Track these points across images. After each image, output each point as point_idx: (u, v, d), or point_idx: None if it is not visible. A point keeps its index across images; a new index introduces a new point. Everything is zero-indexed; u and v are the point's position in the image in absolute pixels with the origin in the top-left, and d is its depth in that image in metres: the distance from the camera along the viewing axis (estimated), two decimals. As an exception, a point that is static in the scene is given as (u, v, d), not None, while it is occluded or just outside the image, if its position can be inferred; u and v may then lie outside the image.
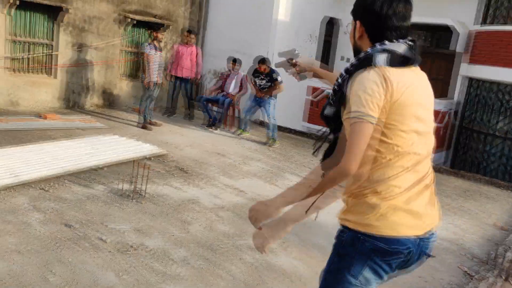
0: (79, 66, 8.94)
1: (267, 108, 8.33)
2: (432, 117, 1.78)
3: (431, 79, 1.87)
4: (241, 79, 9.18)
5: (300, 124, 10.24)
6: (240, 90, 9.18)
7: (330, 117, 1.78)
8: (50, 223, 3.96)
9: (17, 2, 7.68)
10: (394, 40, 1.71)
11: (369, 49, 1.72)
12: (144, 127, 8.09)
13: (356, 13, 1.80)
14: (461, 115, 9.71)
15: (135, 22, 9.38)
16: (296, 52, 2.24)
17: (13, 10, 7.82)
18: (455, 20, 9.33)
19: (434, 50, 10.21)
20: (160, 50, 8.22)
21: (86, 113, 8.81)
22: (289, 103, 10.05)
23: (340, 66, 11.65)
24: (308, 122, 10.27)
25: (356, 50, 1.79)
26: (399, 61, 1.67)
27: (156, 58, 8.05)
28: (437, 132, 8.68)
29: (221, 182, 5.73)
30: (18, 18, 8.12)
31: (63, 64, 8.69)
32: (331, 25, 11.54)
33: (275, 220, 1.98)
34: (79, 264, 3.37)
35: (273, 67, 8.69)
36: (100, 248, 3.65)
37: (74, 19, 8.67)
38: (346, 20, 11.56)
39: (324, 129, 1.87)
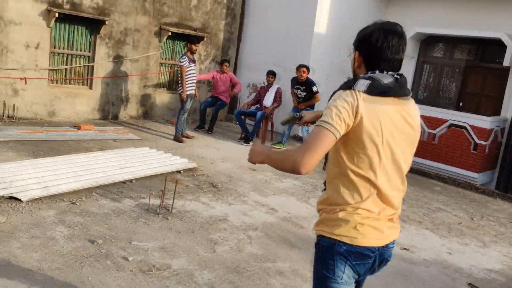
0: (116, 77, 9.03)
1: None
2: (409, 149, 1.93)
3: (482, 95, 1.64)
4: (276, 92, 9.01)
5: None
6: (275, 103, 9.02)
7: None
8: (75, 239, 3.86)
9: (57, 15, 7.83)
10: (385, 72, 1.85)
11: (359, 75, 1.89)
12: (177, 139, 8.03)
13: (356, 43, 1.95)
14: (508, 132, 9.12)
15: (172, 34, 9.41)
16: (298, 114, 2.55)
17: (53, 23, 7.98)
18: (508, 34, 8.81)
19: (480, 65, 9.70)
20: (195, 62, 8.18)
21: (121, 124, 8.86)
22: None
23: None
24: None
25: (355, 76, 1.95)
26: (379, 90, 1.81)
27: (190, 70, 8.01)
28: (481, 150, 8.31)
29: (252, 199, 5.52)
30: (59, 30, 8.29)
31: (100, 75, 8.80)
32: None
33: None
34: (99, 284, 3.24)
35: (311, 78, 8.56)
36: (122, 267, 3.51)
37: (112, 31, 8.77)
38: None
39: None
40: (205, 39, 10.10)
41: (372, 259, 1.90)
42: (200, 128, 9.26)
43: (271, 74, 9.06)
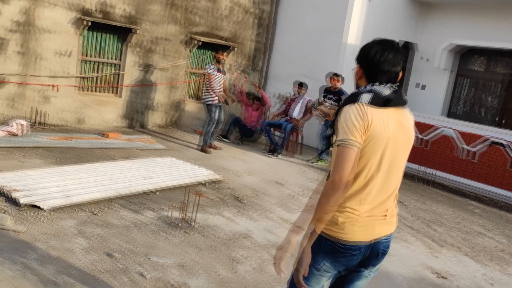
0: (144, 86, 9.02)
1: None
2: (407, 151, 2.11)
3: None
4: (306, 104, 8.79)
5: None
6: (304, 115, 8.79)
7: (330, 136, 2.36)
8: (93, 252, 3.74)
9: (88, 23, 7.88)
10: (384, 83, 2.05)
11: (361, 88, 2.08)
12: (203, 150, 7.90)
13: (357, 58, 2.17)
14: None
15: (201, 43, 9.35)
16: (315, 105, 3.15)
17: (85, 31, 8.04)
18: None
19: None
20: (222, 71, 8.04)
21: (147, 133, 8.82)
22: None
23: (415, 92, 10.91)
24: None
25: (357, 87, 2.14)
26: (381, 101, 2.00)
27: (217, 79, 7.90)
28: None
29: (277, 215, 5.30)
30: (90, 38, 8.35)
31: (129, 83, 8.80)
32: (406, 50, 10.88)
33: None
34: (113, 303, 3.08)
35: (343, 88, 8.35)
36: (139, 284, 3.35)
37: (142, 40, 8.78)
38: (423, 45, 10.86)
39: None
40: (234, 49, 10.00)
41: (357, 253, 2.07)
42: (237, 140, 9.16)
43: (301, 85, 8.86)
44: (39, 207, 4.37)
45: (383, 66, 2.05)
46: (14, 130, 6.81)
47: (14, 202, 4.42)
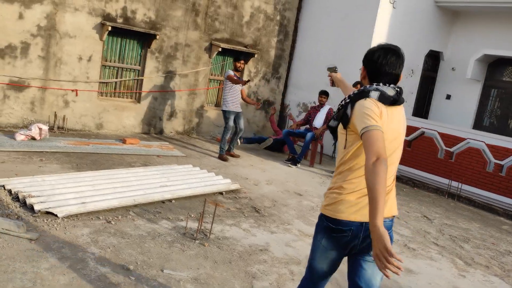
0: (164, 92, 8.96)
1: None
2: (401, 147, 2.35)
3: None
4: (327, 113, 8.60)
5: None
6: (325, 124, 8.60)
7: (333, 128, 2.40)
8: (106, 263, 3.62)
9: (110, 28, 7.87)
10: (387, 84, 2.29)
11: (366, 86, 2.32)
12: (222, 158, 7.77)
13: (363, 60, 2.38)
14: None
15: (221, 50, 9.26)
16: (336, 68, 3.39)
17: (105, 36, 8.03)
18: None
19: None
20: (239, 79, 7.90)
21: (167, 139, 8.74)
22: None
23: (443, 104, 10.61)
24: (401, 164, 9.28)
25: (363, 87, 2.36)
26: (388, 101, 2.24)
27: (235, 87, 7.77)
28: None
29: (296, 228, 5.11)
30: (111, 43, 8.35)
31: (148, 89, 8.76)
32: (434, 60, 10.60)
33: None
34: (124, 319, 2.94)
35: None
36: (151, 299, 3.21)
37: (163, 46, 8.74)
38: (450, 54, 10.56)
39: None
40: (255, 55, 9.89)
41: (348, 232, 2.26)
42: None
43: (324, 94, 8.67)
44: (54, 214, 4.29)
45: (385, 68, 2.28)
46: (33, 134, 6.80)
47: (29, 208, 4.35)
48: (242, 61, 7.97)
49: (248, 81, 7.85)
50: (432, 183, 8.35)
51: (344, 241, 2.27)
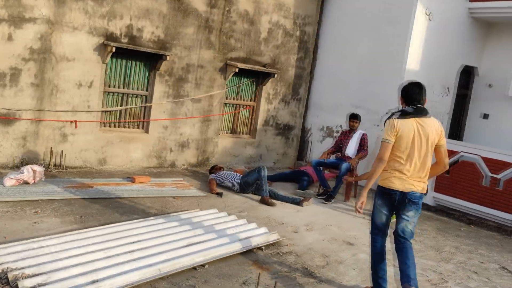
0: (175, 119, 7.89)
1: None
2: (428, 145, 3.73)
3: None
4: (361, 139, 7.56)
5: (430, 195, 8.22)
6: (359, 153, 7.54)
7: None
8: None
9: (114, 49, 6.81)
10: (411, 106, 3.78)
11: (399, 108, 3.88)
12: (265, 202, 6.57)
13: (401, 92, 3.89)
14: None
15: (237, 70, 8.21)
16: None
17: (108, 58, 6.97)
18: None
19: None
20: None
21: (180, 173, 7.65)
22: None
23: (480, 124, 9.64)
24: (439, 192, 8.21)
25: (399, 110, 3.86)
26: (405, 115, 3.74)
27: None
28: None
29: (365, 298, 4.02)
30: (114, 66, 7.28)
31: (157, 117, 7.68)
32: (467, 76, 9.67)
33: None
34: None
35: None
36: None
37: (173, 68, 7.70)
38: (485, 69, 9.64)
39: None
40: (275, 75, 8.86)
41: (394, 196, 3.77)
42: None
43: (355, 118, 7.64)
44: (56, 302, 3.17)
45: (412, 96, 3.79)
46: (25, 178, 5.68)
47: (22, 295, 3.22)
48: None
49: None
50: (491, 218, 7.30)
51: (391, 200, 3.80)
